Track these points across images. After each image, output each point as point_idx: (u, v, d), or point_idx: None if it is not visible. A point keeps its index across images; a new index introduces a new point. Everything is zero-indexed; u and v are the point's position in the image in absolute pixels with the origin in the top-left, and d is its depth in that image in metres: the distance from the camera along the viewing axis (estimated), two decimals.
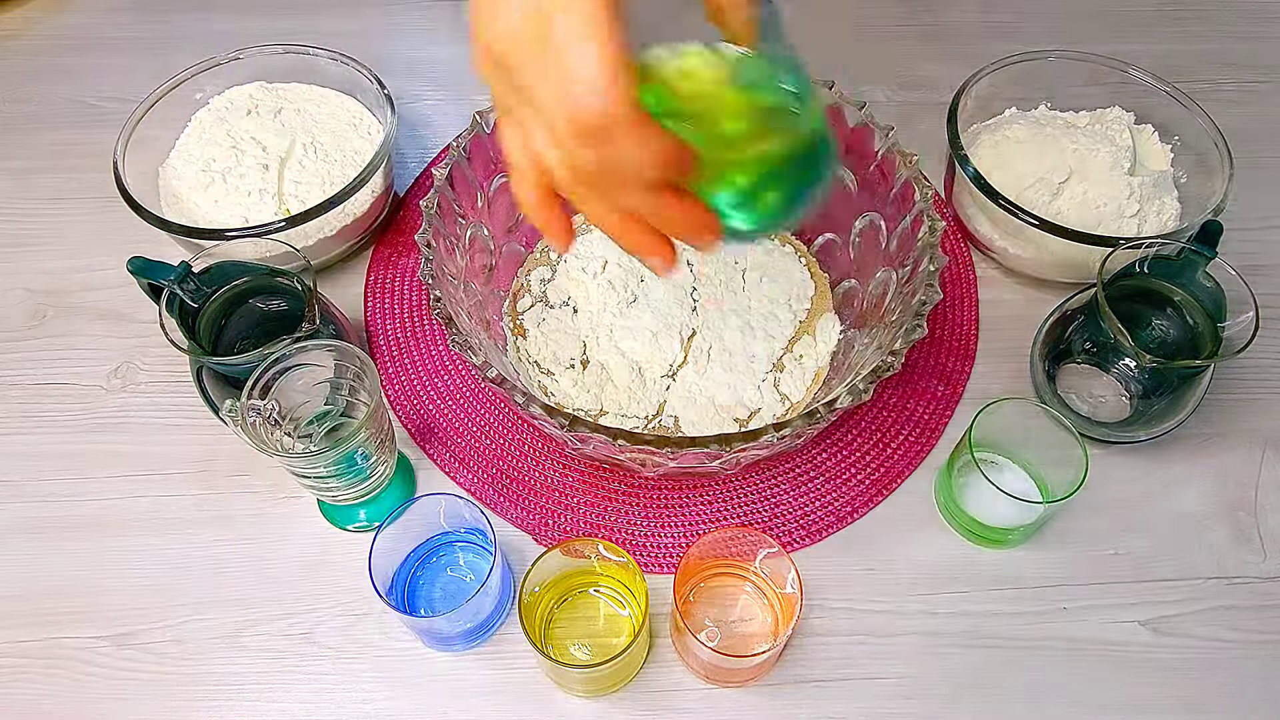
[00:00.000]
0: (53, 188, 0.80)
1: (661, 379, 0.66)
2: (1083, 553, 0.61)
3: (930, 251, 0.57)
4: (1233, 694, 0.56)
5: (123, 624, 0.59)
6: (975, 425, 0.57)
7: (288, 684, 0.57)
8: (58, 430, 0.67)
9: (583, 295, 0.70)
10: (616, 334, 0.67)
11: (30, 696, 0.56)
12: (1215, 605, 0.59)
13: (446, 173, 0.61)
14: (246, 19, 0.91)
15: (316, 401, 0.56)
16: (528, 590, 0.53)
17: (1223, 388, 0.67)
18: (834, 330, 0.68)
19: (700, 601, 0.58)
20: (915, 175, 0.60)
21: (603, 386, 0.66)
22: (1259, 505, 0.63)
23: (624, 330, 0.67)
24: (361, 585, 0.58)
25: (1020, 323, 0.70)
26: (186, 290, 0.59)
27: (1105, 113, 0.75)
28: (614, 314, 0.68)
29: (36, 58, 0.89)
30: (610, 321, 0.68)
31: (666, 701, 0.56)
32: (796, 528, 0.62)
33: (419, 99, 0.86)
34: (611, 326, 0.68)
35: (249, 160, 0.71)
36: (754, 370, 0.66)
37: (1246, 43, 0.90)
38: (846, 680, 0.57)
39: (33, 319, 0.72)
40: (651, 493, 0.63)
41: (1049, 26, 0.91)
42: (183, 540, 0.62)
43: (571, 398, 0.65)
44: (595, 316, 0.68)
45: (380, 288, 0.73)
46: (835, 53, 0.89)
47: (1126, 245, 0.60)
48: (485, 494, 0.64)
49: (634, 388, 0.65)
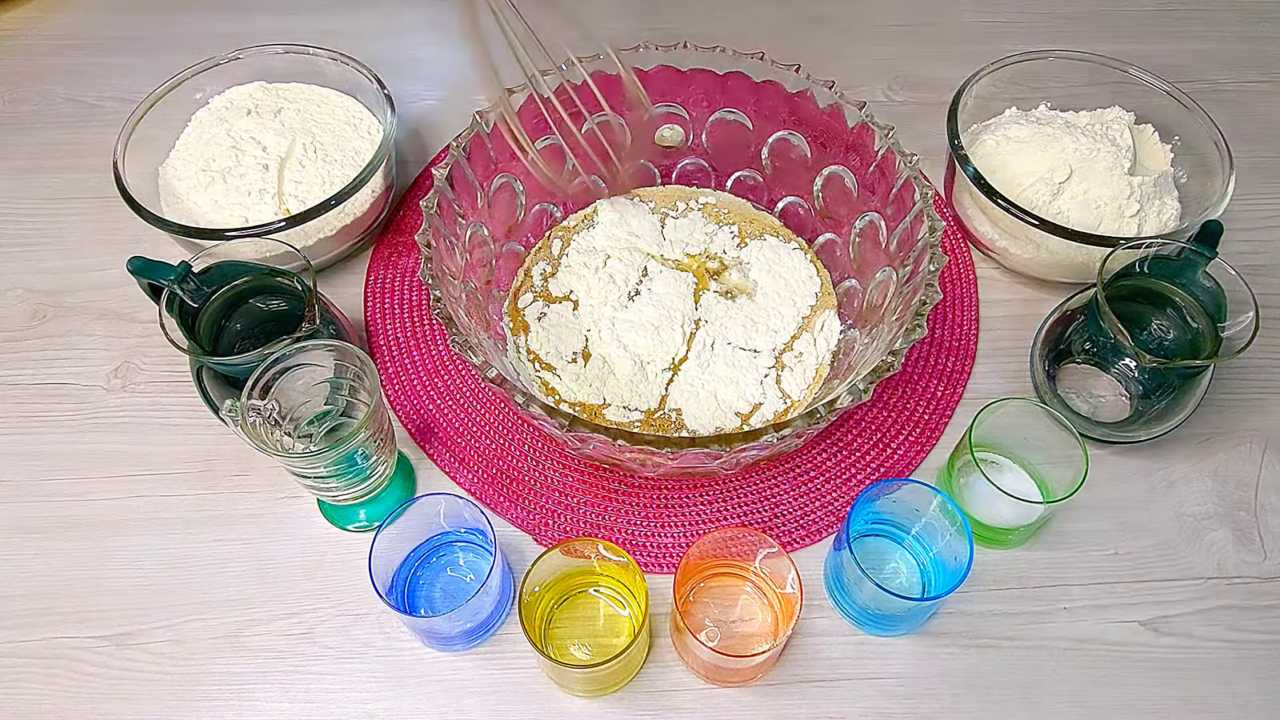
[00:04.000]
0: (53, 188, 0.80)
1: (663, 372, 0.66)
2: (1083, 553, 0.61)
3: (930, 251, 0.57)
4: (1233, 694, 0.56)
5: (123, 624, 0.59)
6: (975, 425, 0.57)
7: (288, 684, 0.57)
8: (58, 430, 0.67)
9: (584, 289, 0.70)
10: (618, 327, 0.67)
11: (30, 696, 0.56)
12: (1215, 605, 0.59)
13: (446, 173, 0.61)
14: (246, 19, 0.92)
15: (316, 401, 0.56)
16: (528, 590, 0.53)
17: (1223, 388, 0.67)
18: (835, 328, 0.68)
19: (700, 601, 0.58)
20: (915, 175, 0.60)
21: (604, 380, 0.66)
22: (1259, 505, 0.63)
23: (625, 324, 0.67)
24: (361, 585, 0.58)
25: (1020, 323, 0.70)
26: (186, 290, 0.59)
27: (1105, 113, 0.75)
28: (615, 307, 0.68)
29: (36, 58, 0.90)
30: (611, 315, 0.68)
31: (666, 701, 0.56)
32: (796, 528, 0.62)
33: (419, 99, 0.86)
34: (613, 320, 0.68)
35: (249, 160, 0.71)
36: (756, 366, 0.66)
37: (1246, 43, 0.90)
38: (846, 680, 0.57)
39: (33, 319, 0.72)
40: (651, 493, 0.63)
41: (1049, 26, 0.91)
42: (183, 540, 0.62)
43: (573, 391, 0.65)
44: (596, 310, 0.68)
45: (380, 288, 0.73)
46: (835, 53, 0.89)
47: (1126, 245, 0.60)
48: (485, 494, 0.64)
49: (636, 381, 0.65)
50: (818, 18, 0.92)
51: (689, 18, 0.92)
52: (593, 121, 0.68)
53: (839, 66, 0.86)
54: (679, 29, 0.89)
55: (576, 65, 0.65)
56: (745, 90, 0.68)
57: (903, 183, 0.60)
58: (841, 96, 0.64)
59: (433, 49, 0.90)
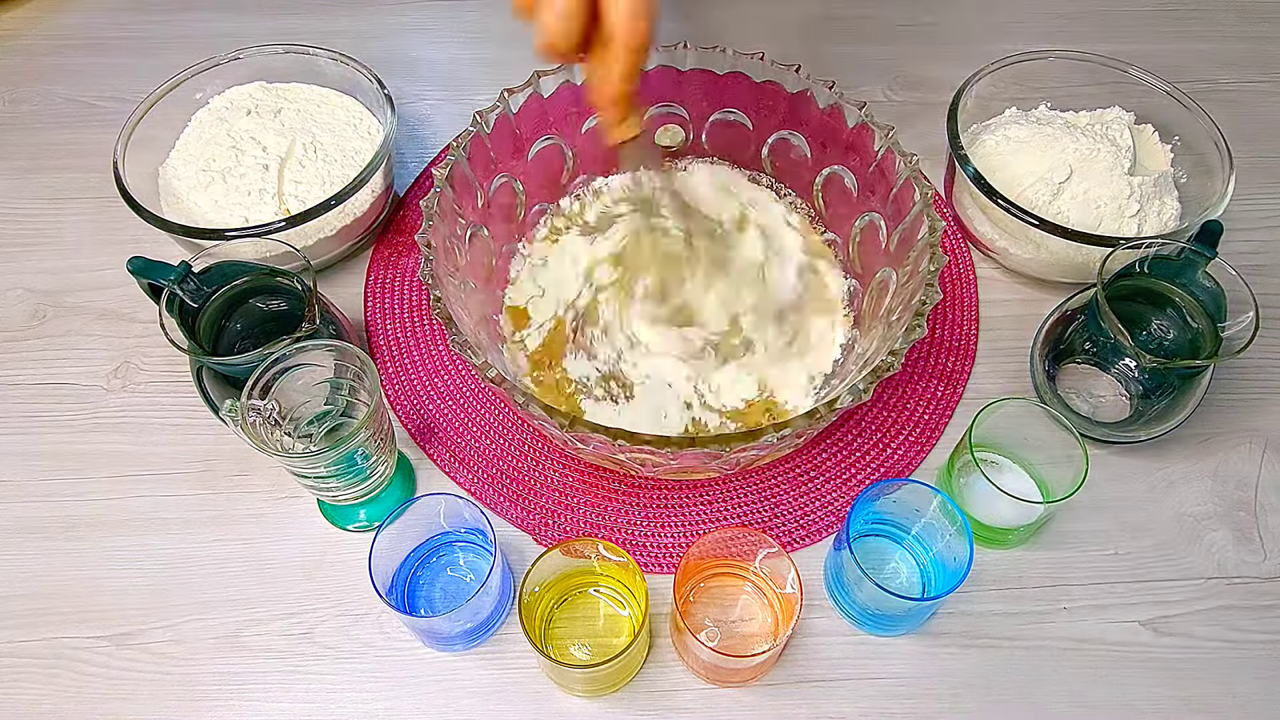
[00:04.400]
0: (53, 188, 0.80)
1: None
2: (1083, 553, 0.61)
3: (930, 251, 0.57)
4: (1233, 694, 0.56)
5: (123, 624, 0.59)
6: (975, 425, 0.57)
7: (288, 684, 0.57)
8: (58, 430, 0.67)
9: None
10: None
11: (30, 696, 0.56)
12: (1215, 605, 0.59)
13: (446, 173, 0.61)
14: (246, 19, 0.91)
15: (316, 401, 0.56)
16: (528, 590, 0.53)
17: (1223, 388, 0.67)
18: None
19: (700, 601, 0.58)
20: (915, 175, 0.60)
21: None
22: (1259, 505, 0.63)
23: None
24: (361, 585, 0.58)
25: (1020, 323, 0.70)
26: (186, 290, 0.59)
27: (1105, 113, 0.75)
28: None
29: (36, 58, 0.89)
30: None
31: (666, 701, 0.56)
32: (796, 528, 0.62)
33: (419, 99, 0.86)
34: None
35: (249, 160, 0.71)
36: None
37: (1246, 43, 0.90)
38: (846, 680, 0.57)
39: (33, 319, 0.72)
40: (651, 493, 0.63)
41: (1049, 26, 0.91)
42: (183, 540, 0.62)
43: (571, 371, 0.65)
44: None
45: (380, 288, 0.73)
46: (836, 53, 0.89)
47: (1126, 245, 0.60)
48: (485, 494, 0.64)
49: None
50: (818, 18, 0.92)
51: (689, 18, 0.92)
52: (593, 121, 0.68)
53: (839, 66, 0.87)
54: (679, 29, 0.89)
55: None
56: (745, 90, 0.68)
57: (903, 183, 0.60)
58: (841, 96, 0.63)
59: (433, 49, 0.90)
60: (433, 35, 0.92)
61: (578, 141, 0.69)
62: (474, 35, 0.91)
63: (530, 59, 0.67)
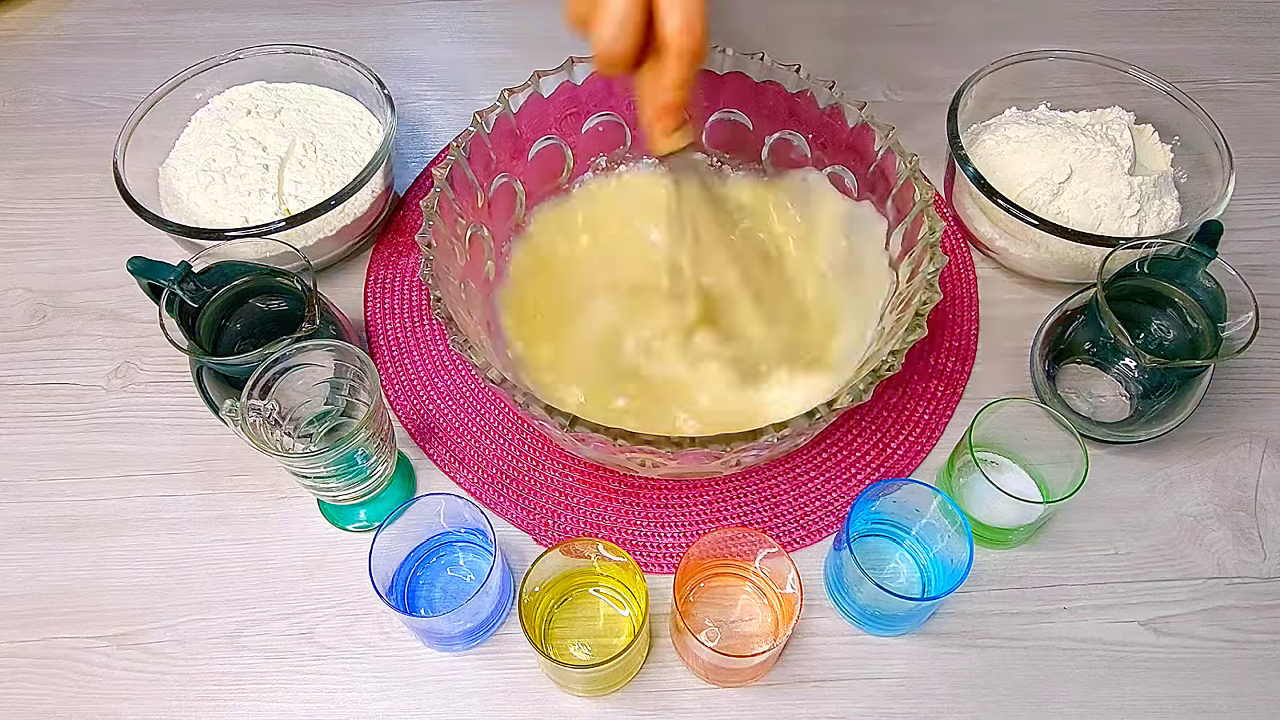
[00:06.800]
0: (53, 188, 0.80)
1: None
2: (1083, 553, 0.61)
3: (930, 251, 0.57)
4: (1233, 694, 0.56)
5: (123, 624, 0.59)
6: (975, 425, 0.57)
7: (288, 684, 0.57)
8: (58, 430, 0.67)
9: None
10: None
11: (30, 696, 0.56)
12: (1215, 605, 0.59)
13: (446, 173, 0.61)
14: (246, 19, 0.91)
15: (316, 401, 0.56)
16: (528, 590, 0.53)
17: (1223, 388, 0.67)
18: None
19: (700, 601, 0.58)
20: (915, 175, 0.60)
21: None
22: (1259, 505, 0.63)
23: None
24: (361, 585, 0.58)
25: (1020, 323, 0.70)
26: (186, 290, 0.59)
27: (1105, 113, 0.75)
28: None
29: (36, 58, 0.89)
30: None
31: (666, 701, 0.56)
32: (796, 528, 0.62)
33: (419, 99, 0.86)
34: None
35: (249, 160, 0.71)
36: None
37: (1246, 43, 0.90)
38: (846, 680, 0.57)
39: (33, 319, 0.72)
40: (651, 493, 0.63)
41: (1049, 26, 0.91)
42: (183, 540, 0.62)
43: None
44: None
45: (380, 288, 0.73)
46: (836, 53, 0.89)
47: (1126, 245, 0.60)
48: (485, 494, 0.64)
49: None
50: (818, 18, 0.92)
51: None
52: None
53: (839, 66, 0.87)
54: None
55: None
56: (745, 90, 0.68)
57: (903, 183, 0.60)
58: (841, 96, 0.63)
59: (433, 49, 0.90)
60: (433, 35, 0.92)
61: (578, 141, 0.69)
62: (474, 35, 0.91)
63: (530, 59, 0.67)
